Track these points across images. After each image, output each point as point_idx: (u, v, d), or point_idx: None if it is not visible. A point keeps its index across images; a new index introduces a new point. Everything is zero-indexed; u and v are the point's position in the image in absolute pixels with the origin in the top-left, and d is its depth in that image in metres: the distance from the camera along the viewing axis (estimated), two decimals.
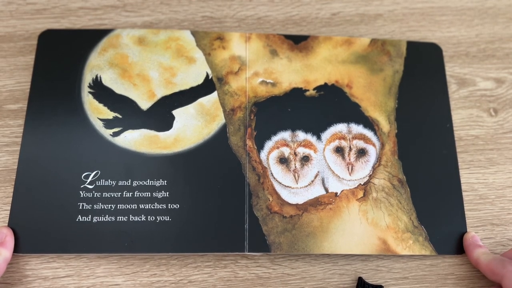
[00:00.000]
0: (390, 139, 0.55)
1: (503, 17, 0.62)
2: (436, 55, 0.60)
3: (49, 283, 0.48)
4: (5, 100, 0.55)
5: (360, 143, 0.55)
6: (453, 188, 0.54)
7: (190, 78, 0.55)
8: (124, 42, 0.56)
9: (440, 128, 0.56)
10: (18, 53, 0.57)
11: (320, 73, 0.57)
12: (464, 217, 0.52)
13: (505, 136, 0.56)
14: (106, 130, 0.52)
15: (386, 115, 0.56)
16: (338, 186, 0.53)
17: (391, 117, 0.56)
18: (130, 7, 0.61)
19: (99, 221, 0.49)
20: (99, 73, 0.55)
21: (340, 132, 0.55)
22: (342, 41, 0.59)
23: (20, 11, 0.60)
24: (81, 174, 0.50)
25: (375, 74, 0.58)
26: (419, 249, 0.50)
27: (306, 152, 0.53)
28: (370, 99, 0.57)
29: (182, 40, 0.57)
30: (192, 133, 0.53)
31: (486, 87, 0.58)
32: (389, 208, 0.52)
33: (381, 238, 0.51)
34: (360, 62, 0.58)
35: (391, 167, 0.54)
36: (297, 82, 0.56)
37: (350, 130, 0.55)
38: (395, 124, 0.56)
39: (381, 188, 0.53)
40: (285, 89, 0.56)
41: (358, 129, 0.55)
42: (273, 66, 0.56)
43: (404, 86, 0.58)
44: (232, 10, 0.61)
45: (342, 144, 0.54)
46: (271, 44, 0.58)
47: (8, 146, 0.53)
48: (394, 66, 0.58)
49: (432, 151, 0.55)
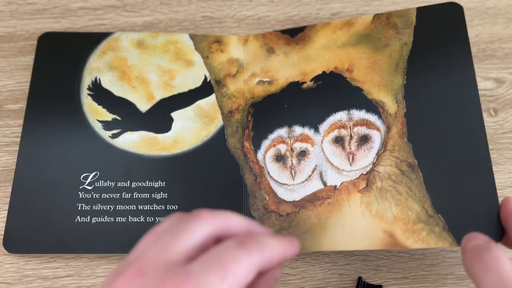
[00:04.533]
0: (398, 121, 0.49)
1: (503, 17, 0.61)
2: (455, 15, 0.52)
3: (49, 283, 0.48)
4: (5, 100, 0.55)
5: (362, 129, 0.50)
6: (481, 166, 0.46)
7: (188, 80, 0.55)
8: (123, 45, 0.57)
9: (461, 98, 0.48)
10: (18, 53, 0.58)
11: (318, 62, 0.54)
12: (496, 196, 0.44)
13: (505, 136, 0.56)
14: (105, 132, 0.53)
15: (392, 95, 0.50)
16: (337, 178, 0.49)
17: (399, 95, 0.50)
18: (130, 7, 0.61)
19: (98, 222, 0.49)
20: (99, 75, 0.55)
21: (340, 121, 0.51)
22: (341, 24, 0.55)
23: (20, 11, 0.60)
24: (80, 175, 0.51)
25: (379, 52, 0.53)
26: (435, 241, 0.44)
27: (303, 146, 0.51)
28: (373, 80, 0.52)
29: (181, 43, 0.57)
30: (190, 135, 0.53)
31: (486, 87, 0.58)
32: (396, 197, 0.47)
33: (387, 231, 0.46)
34: (361, 43, 0.54)
35: (398, 152, 0.48)
36: (294, 76, 0.54)
37: (350, 117, 0.51)
38: (403, 103, 0.50)
39: (387, 176, 0.48)
40: (281, 85, 0.54)
41: (360, 114, 0.51)
42: (269, 64, 0.55)
43: (414, 58, 0.51)
44: (232, 10, 0.61)
45: (341, 133, 0.51)
46: (267, 42, 0.57)
47: (9, 146, 0.53)
48: (402, 38, 0.52)
49: (451, 127, 0.48)
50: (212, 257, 0.31)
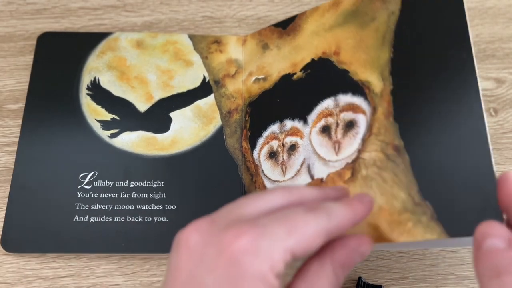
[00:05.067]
0: (384, 99, 0.44)
1: (503, 17, 0.61)
2: None
3: (49, 283, 0.48)
4: (5, 100, 0.55)
5: (348, 115, 0.46)
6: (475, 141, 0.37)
7: (187, 81, 0.55)
8: (123, 45, 0.57)
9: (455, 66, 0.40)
10: (18, 53, 0.58)
11: (308, 50, 0.51)
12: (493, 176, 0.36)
13: (505, 136, 0.56)
14: (104, 132, 0.53)
15: (378, 72, 0.45)
16: (324, 170, 0.46)
17: (385, 72, 0.44)
18: (130, 7, 0.61)
19: (96, 221, 0.49)
20: (98, 75, 0.55)
21: (327, 109, 0.47)
22: (329, 5, 0.51)
23: (20, 11, 0.60)
24: (79, 175, 0.51)
25: (366, 27, 0.48)
26: (422, 233, 0.38)
27: (293, 140, 0.49)
28: (360, 59, 0.47)
29: (180, 44, 0.57)
30: (189, 135, 0.53)
31: (486, 87, 0.58)
32: (382, 185, 0.41)
33: (371, 224, 0.40)
34: (349, 21, 0.49)
35: (384, 134, 0.42)
36: (285, 68, 0.52)
37: (337, 103, 0.47)
38: (389, 80, 0.44)
39: (372, 162, 0.43)
40: (274, 80, 0.53)
41: (346, 99, 0.46)
42: (264, 60, 0.55)
43: (402, 28, 0.45)
44: (232, 10, 0.61)
45: (328, 121, 0.47)
46: (263, 39, 0.56)
47: (8, 146, 0.53)
48: (389, 7, 0.46)
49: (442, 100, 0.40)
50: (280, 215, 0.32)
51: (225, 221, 0.32)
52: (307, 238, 0.31)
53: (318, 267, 0.33)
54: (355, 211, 0.35)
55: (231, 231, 0.30)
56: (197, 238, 0.31)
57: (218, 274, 0.29)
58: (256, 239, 0.30)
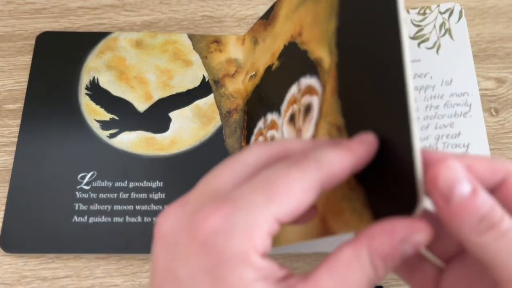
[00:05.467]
0: (330, 75, 0.37)
1: (504, 17, 0.61)
2: None
3: (48, 283, 0.48)
4: (4, 100, 0.55)
5: (306, 98, 0.41)
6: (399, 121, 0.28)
7: (187, 80, 0.55)
8: (122, 45, 0.56)
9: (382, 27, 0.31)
10: (17, 52, 0.57)
11: (282, 37, 0.48)
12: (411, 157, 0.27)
13: (506, 136, 0.56)
14: (103, 132, 0.53)
15: (327, 45, 0.38)
16: None
17: (332, 44, 0.38)
18: (130, 7, 0.61)
19: (95, 222, 0.49)
20: (97, 75, 0.55)
21: (293, 96, 0.44)
22: None
23: (19, 11, 0.60)
24: (78, 175, 0.51)
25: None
26: (357, 222, 0.31)
27: (272, 134, 0.47)
28: (315, 35, 0.41)
29: (179, 44, 0.57)
30: (188, 135, 0.53)
31: (487, 87, 0.58)
32: None
33: (321, 217, 0.35)
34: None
35: (330, 114, 0.36)
36: (267, 60, 0.50)
37: (300, 88, 0.43)
38: (336, 52, 0.37)
39: None
40: (261, 74, 0.51)
41: (305, 81, 0.42)
42: (255, 56, 0.54)
43: None
44: (232, 9, 0.61)
45: (294, 109, 0.43)
46: (254, 35, 0.55)
47: (7, 146, 0.53)
48: None
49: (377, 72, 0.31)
50: (258, 179, 0.27)
51: (198, 200, 0.27)
52: (293, 199, 0.26)
53: (350, 256, 0.26)
54: (354, 153, 0.28)
55: (202, 211, 0.26)
56: (168, 225, 0.27)
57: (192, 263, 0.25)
58: (229, 215, 0.25)
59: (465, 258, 0.31)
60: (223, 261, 0.24)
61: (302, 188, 0.26)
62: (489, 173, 0.28)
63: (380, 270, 0.26)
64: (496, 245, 0.25)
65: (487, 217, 0.25)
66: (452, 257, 0.31)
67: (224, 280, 0.24)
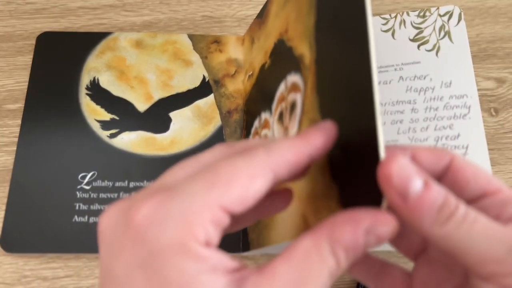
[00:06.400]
0: (310, 71, 0.36)
1: (504, 17, 0.61)
2: None
3: (48, 283, 0.48)
4: (4, 100, 0.55)
5: (292, 96, 0.40)
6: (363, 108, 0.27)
7: (187, 80, 0.55)
8: (122, 45, 0.57)
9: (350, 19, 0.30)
10: (17, 52, 0.57)
11: (272, 35, 0.47)
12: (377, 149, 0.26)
13: (506, 136, 0.56)
14: (103, 132, 0.53)
15: (308, 41, 0.37)
16: None
17: (312, 39, 0.36)
18: (130, 7, 0.61)
19: (96, 221, 0.49)
20: (97, 75, 0.55)
21: (282, 94, 0.42)
22: None
23: (20, 11, 0.60)
24: (78, 175, 0.51)
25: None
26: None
27: (265, 133, 0.47)
28: (298, 31, 0.39)
29: (179, 44, 0.57)
30: (188, 135, 0.53)
31: (486, 87, 0.58)
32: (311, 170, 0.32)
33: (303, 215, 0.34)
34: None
35: (311, 111, 0.35)
36: (261, 59, 0.50)
37: (287, 85, 0.41)
38: (314, 47, 0.36)
39: None
40: (256, 73, 0.51)
41: (291, 79, 0.40)
42: (252, 55, 0.54)
43: None
44: (232, 9, 0.61)
45: (282, 107, 0.42)
46: (252, 34, 0.55)
47: (7, 146, 0.53)
48: None
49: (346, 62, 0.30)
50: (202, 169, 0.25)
51: (142, 194, 0.25)
52: (238, 185, 0.24)
53: (310, 245, 0.24)
54: (309, 140, 0.27)
55: (136, 202, 0.24)
56: (106, 221, 0.25)
57: (126, 258, 0.23)
58: (163, 204, 0.23)
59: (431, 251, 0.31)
60: (156, 253, 0.23)
61: (248, 174, 0.24)
62: (434, 161, 0.27)
63: (342, 261, 0.24)
64: (458, 232, 0.25)
65: (443, 207, 0.25)
66: (418, 253, 0.31)
67: (159, 274, 0.23)
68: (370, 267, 0.32)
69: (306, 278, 0.23)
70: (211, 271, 0.23)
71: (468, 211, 0.25)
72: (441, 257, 0.30)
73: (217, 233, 0.24)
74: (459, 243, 0.25)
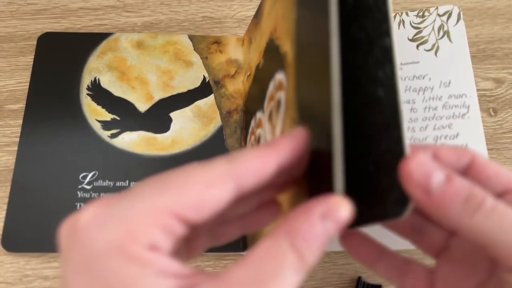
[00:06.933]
0: (292, 68, 0.36)
1: (503, 18, 0.61)
2: None
3: (49, 282, 0.49)
4: (6, 100, 0.56)
5: (278, 94, 0.39)
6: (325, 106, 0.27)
7: (187, 81, 0.55)
8: (123, 46, 0.57)
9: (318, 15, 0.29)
10: (18, 53, 0.58)
11: (265, 35, 0.46)
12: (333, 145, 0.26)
13: (505, 136, 0.56)
14: (104, 132, 0.53)
15: (290, 39, 0.36)
16: None
17: (293, 35, 0.36)
18: (131, 8, 0.61)
19: None
20: (98, 75, 0.55)
21: (271, 92, 0.42)
22: None
23: (21, 11, 0.60)
24: (79, 175, 0.51)
25: None
26: None
27: (259, 132, 0.47)
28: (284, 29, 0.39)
29: (180, 44, 0.57)
30: (189, 135, 0.53)
31: (485, 87, 0.58)
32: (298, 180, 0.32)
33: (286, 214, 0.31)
34: None
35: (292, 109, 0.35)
36: (256, 60, 0.50)
37: (275, 83, 0.41)
38: (295, 43, 0.35)
39: None
40: (253, 73, 0.51)
41: (278, 77, 0.40)
42: (250, 56, 0.54)
43: None
44: (232, 10, 0.61)
45: (271, 106, 0.42)
46: (250, 34, 0.55)
47: (9, 146, 0.53)
48: None
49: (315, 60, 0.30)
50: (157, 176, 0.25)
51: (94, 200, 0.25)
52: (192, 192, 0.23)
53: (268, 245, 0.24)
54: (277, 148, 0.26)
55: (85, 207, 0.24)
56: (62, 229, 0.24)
57: (72, 265, 0.23)
58: (106, 208, 0.23)
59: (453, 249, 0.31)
60: (96, 256, 0.22)
61: (204, 181, 0.24)
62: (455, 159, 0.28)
63: (306, 254, 0.23)
64: (488, 223, 0.25)
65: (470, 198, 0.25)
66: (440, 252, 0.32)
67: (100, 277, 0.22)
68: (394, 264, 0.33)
69: (264, 278, 0.23)
70: (156, 275, 0.22)
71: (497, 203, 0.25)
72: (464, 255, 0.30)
73: (167, 239, 0.23)
74: (489, 235, 0.25)
